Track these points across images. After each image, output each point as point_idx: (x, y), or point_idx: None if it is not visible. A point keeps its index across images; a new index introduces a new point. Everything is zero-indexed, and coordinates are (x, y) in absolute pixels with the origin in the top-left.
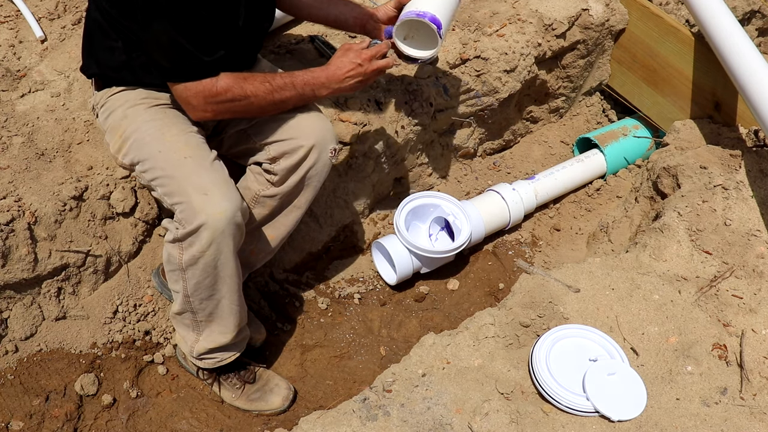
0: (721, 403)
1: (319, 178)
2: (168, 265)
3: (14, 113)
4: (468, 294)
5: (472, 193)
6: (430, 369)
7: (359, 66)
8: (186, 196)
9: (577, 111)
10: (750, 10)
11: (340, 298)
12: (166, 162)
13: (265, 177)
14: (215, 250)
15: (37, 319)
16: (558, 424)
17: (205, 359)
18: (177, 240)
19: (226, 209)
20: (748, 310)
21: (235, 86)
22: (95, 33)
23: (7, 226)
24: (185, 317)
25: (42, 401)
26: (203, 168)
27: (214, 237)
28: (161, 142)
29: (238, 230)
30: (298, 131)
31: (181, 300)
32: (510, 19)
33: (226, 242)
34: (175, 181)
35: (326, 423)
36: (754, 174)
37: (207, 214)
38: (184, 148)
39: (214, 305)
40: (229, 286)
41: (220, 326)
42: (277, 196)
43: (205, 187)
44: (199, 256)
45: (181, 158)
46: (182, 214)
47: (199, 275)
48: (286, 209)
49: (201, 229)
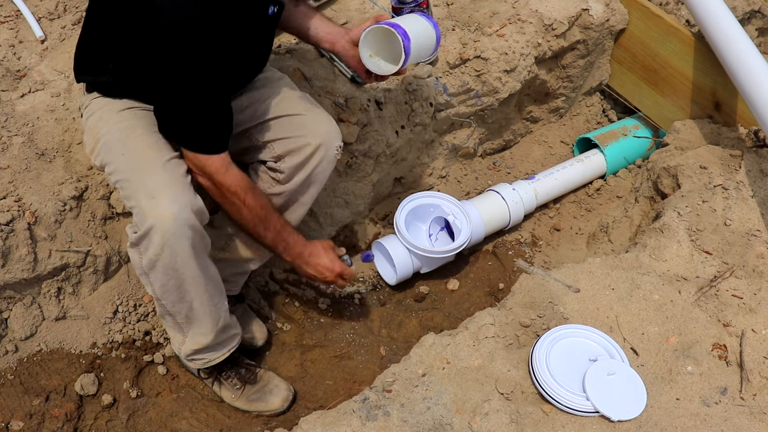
0: (721, 403)
1: (325, 174)
2: (136, 271)
3: (14, 113)
4: (468, 294)
5: (472, 193)
6: (430, 369)
7: (327, 270)
8: (137, 200)
9: (577, 111)
10: (750, 10)
11: (340, 298)
12: (125, 164)
13: (270, 175)
14: (170, 253)
15: (37, 319)
16: (558, 424)
17: (194, 360)
18: (134, 244)
19: (173, 211)
20: (748, 310)
21: (239, 191)
22: (88, 49)
23: (7, 226)
24: (168, 319)
25: (42, 401)
26: (155, 170)
27: (165, 240)
28: (125, 144)
29: (192, 231)
30: (304, 129)
31: (156, 303)
32: (510, 19)
33: (180, 244)
34: (130, 184)
35: (326, 423)
36: (754, 174)
37: (154, 217)
38: (143, 150)
39: (187, 307)
40: (196, 287)
41: (199, 328)
42: (284, 194)
43: (153, 189)
44: (155, 259)
45: (138, 160)
46: (136, 218)
47: (162, 278)
48: (292, 206)
49: (151, 233)
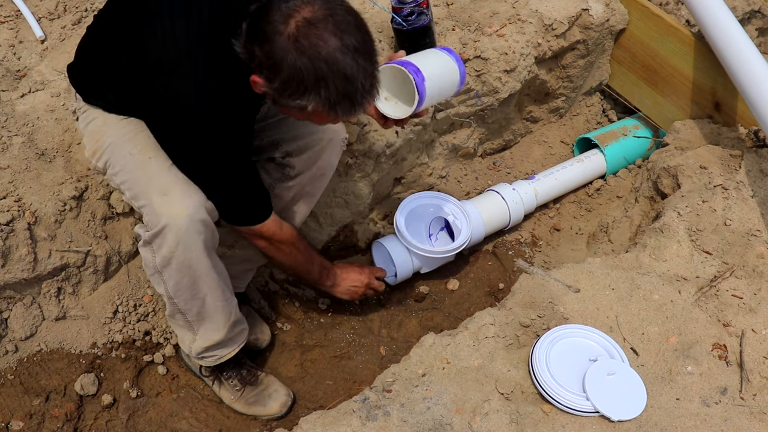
0: (721, 403)
1: (333, 167)
2: (147, 270)
3: (14, 113)
4: (468, 294)
5: (472, 193)
6: (430, 369)
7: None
8: (148, 199)
9: (577, 111)
10: (750, 10)
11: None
12: (133, 164)
13: (281, 170)
14: (184, 249)
15: (37, 319)
16: (558, 424)
17: (206, 358)
18: (147, 243)
19: (187, 207)
20: (748, 310)
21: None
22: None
23: (7, 226)
24: (178, 318)
25: (42, 401)
26: (164, 168)
27: (179, 237)
28: (132, 144)
29: (204, 227)
30: (314, 126)
31: (167, 302)
32: (510, 19)
33: (194, 240)
34: (138, 184)
35: (326, 423)
36: (754, 174)
37: (168, 215)
38: (150, 149)
39: (199, 304)
40: (209, 283)
41: (212, 323)
42: (294, 187)
43: (165, 187)
44: (170, 256)
45: (146, 159)
46: (147, 217)
47: (176, 275)
48: (302, 199)
49: (165, 231)
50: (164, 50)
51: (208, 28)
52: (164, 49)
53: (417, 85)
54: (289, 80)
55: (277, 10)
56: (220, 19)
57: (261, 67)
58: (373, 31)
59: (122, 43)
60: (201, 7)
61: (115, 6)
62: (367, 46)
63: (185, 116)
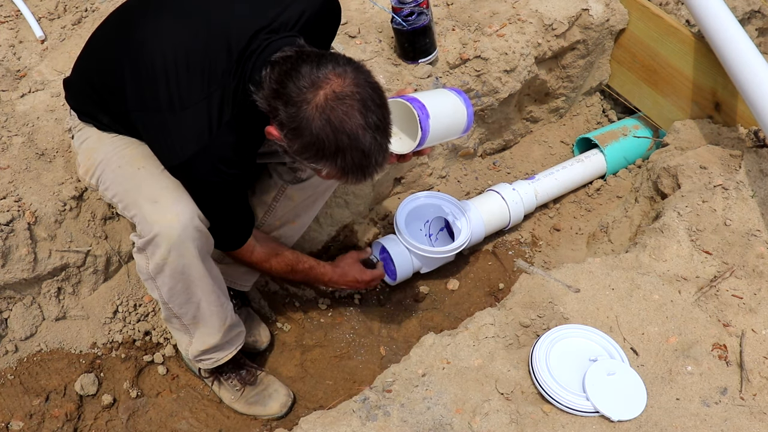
0: (721, 403)
1: None
2: (140, 276)
3: (14, 113)
4: (468, 294)
5: (472, 193)
6: (430, 369)
7: (357, 283)
8: (138, 208)
9: (577, 111)
10: (750, 10)
11: (340, 298)
12: (122, 176)
13: (292, 174)
14: (177, 256)
15: (37, 319)
16: (558, 424)
17: (203, 360)
18: (141, 250)
19: (179, 214)
20: (748, 310)
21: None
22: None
23: (7, 226)
24: (174, 322)
25: (42, 401)
26: (154, 176)
27: (171, 244)
28: (120, 157)
29: (198, 233)
30: None
31: (162, 307)
32: (510, 19)
33: (186, 246)
34: (129, 194)
35: (326, 423)
36: (754, 174)
37: (159, 222)
38: (139, 160)
39: (194, 309)
40: (203, 288)
41: (207, 328)
42: (308, 189)
43: (155, 195)
44: (162, 263)
45: (135, 170)
46: (139, 225)
47: (170, 281)
48: (314, 198)
49: (157, 238)
50: (176, 87)
51: (225, 70)
52: (177, 86)
53: (420, 121)
54: (310, 145)
55: (308, 76)
56: (238, 62)
57: (282, 126)
58: (373, 30)
59: (126, 72)
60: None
61: (117, 24)
62: (385, 123)
63: (195, 156)
